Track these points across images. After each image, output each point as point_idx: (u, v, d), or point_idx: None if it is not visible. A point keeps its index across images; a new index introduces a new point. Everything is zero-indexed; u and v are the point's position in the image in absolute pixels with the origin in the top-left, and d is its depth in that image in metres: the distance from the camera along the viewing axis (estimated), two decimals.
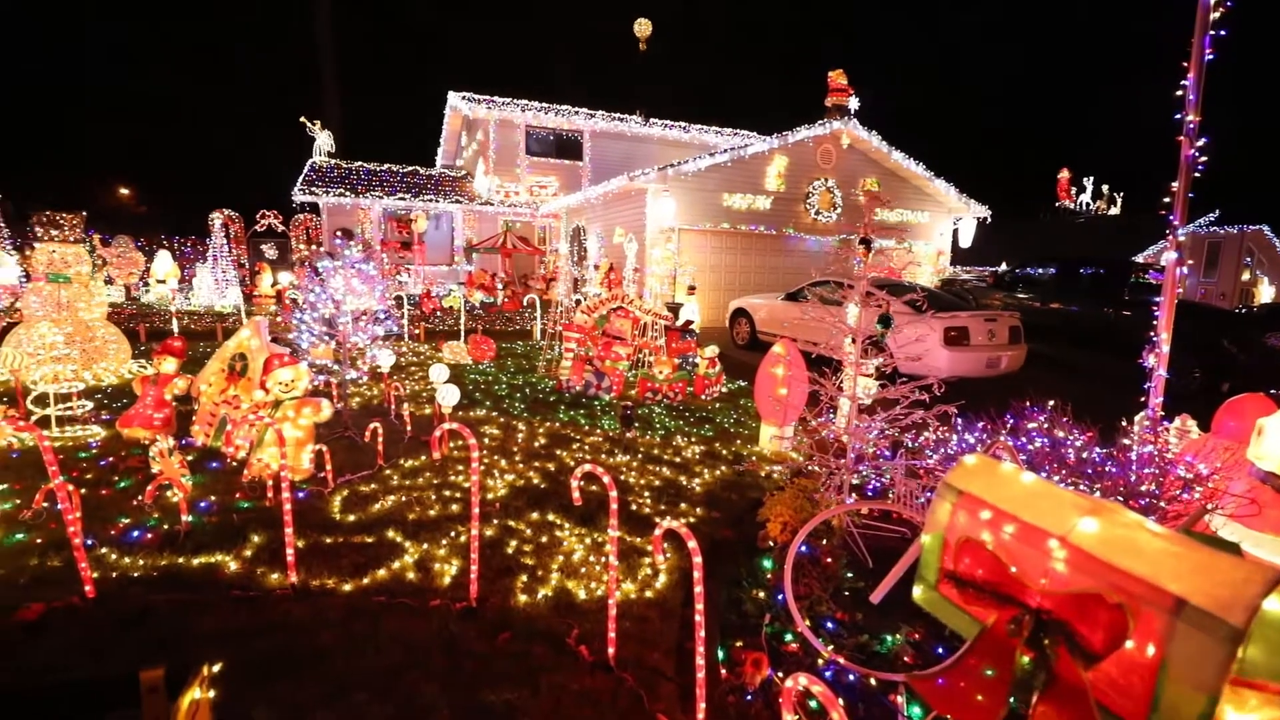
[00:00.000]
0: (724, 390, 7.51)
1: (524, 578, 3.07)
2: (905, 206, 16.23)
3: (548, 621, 2.74)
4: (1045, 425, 3.18)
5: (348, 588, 2.92)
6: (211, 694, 1.47)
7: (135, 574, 2.96)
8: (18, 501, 3.60)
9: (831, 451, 3.98)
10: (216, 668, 1.46)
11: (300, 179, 18.37)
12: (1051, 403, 3.32)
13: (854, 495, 4.14)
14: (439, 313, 14.37)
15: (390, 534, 3.46)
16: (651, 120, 21.08)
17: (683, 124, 21.55)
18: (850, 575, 3.12)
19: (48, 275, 6.76)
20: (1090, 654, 1.09)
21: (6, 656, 2.36)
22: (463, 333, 10.27)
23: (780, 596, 2.85)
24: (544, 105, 19.76)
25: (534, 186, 19.79)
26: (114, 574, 2.95)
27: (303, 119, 19.99)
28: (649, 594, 3.00)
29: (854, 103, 14.88)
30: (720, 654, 2.53)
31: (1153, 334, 4.02)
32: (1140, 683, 1.04)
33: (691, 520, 3.83)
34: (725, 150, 14.19)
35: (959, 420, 4.06)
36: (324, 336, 5.16)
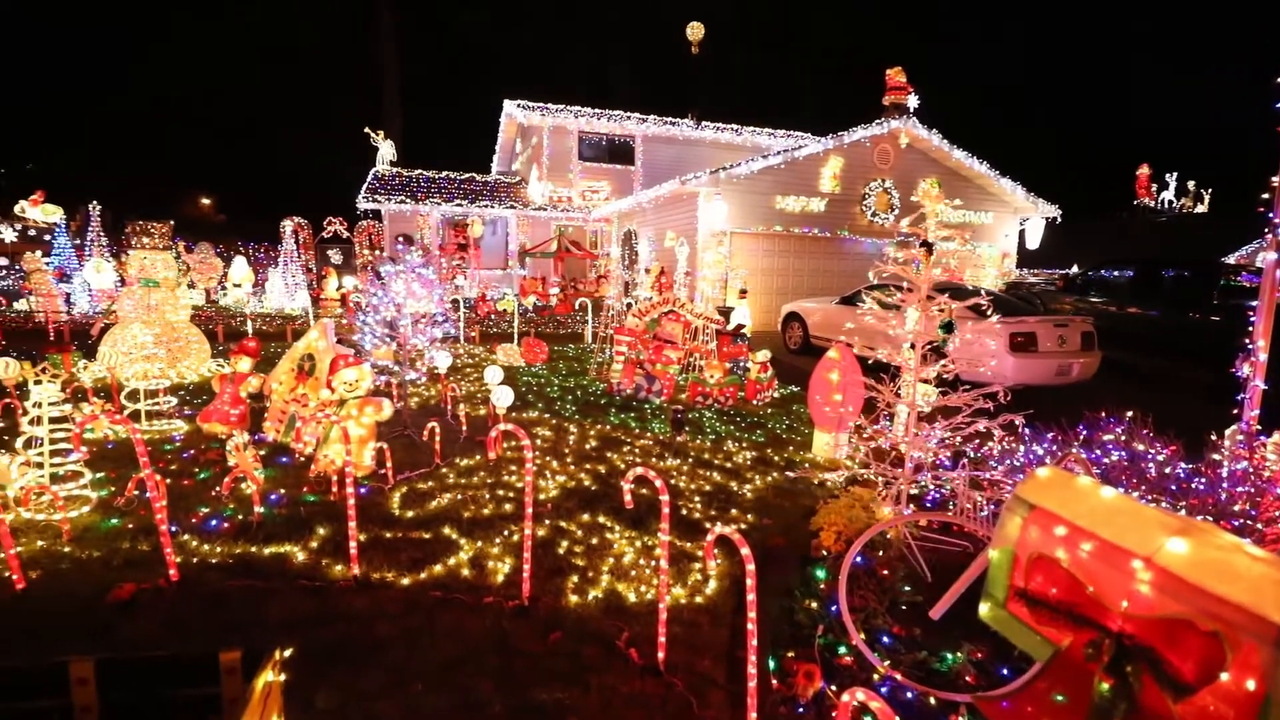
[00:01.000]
0: (776, 395, 7.40)
1: (575, 578, 3.11)
2: (968, 207, 15.62)
3: (598, 623, 2.76)
4: (1123, 438, 2.99)
5: (406, 582, 3.02)
6: (283, 678, 1.54)
7: (213, 560, 3.15)
8: (112, 489, 3.88)
9: (888, 460, 3.87)
10: (287, 653, 1.53)
11: (364, 187, 19.16)
12: (1130, 414, 3.13)
13: (912, 506, 4.00)
14: (493, 316, 14.72)
15: (446, 531, 3.55)
16: (703, 123, 21.01)
17: (735, 126, 21.39)
18: (908, 589, 3.02)
19: (140, 280, 7.27)
20: (1180, 685, 1.01)
21: (104, 632, 2.55)
22: (516, 335, 10.48)
23: (834, 608, 2.78)
24: (596, 111, 19.98)
25: (586, 191, 20.03)
26: (194, 559, 3.14)
27: (367, 130, 20.86)
28: (699, 599, 2.98)
29: (913, 101, 14.44)
30: (771, 663, 2.49)
31: (1248, 341, 3.73)
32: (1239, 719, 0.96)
33: (742, 527, 3.79)
34: (778, 152, 14.00)
35: (1026, 430, 3.87)
36: (385, 338, 5.36)
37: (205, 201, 40.24)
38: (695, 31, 22.70)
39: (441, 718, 2.19)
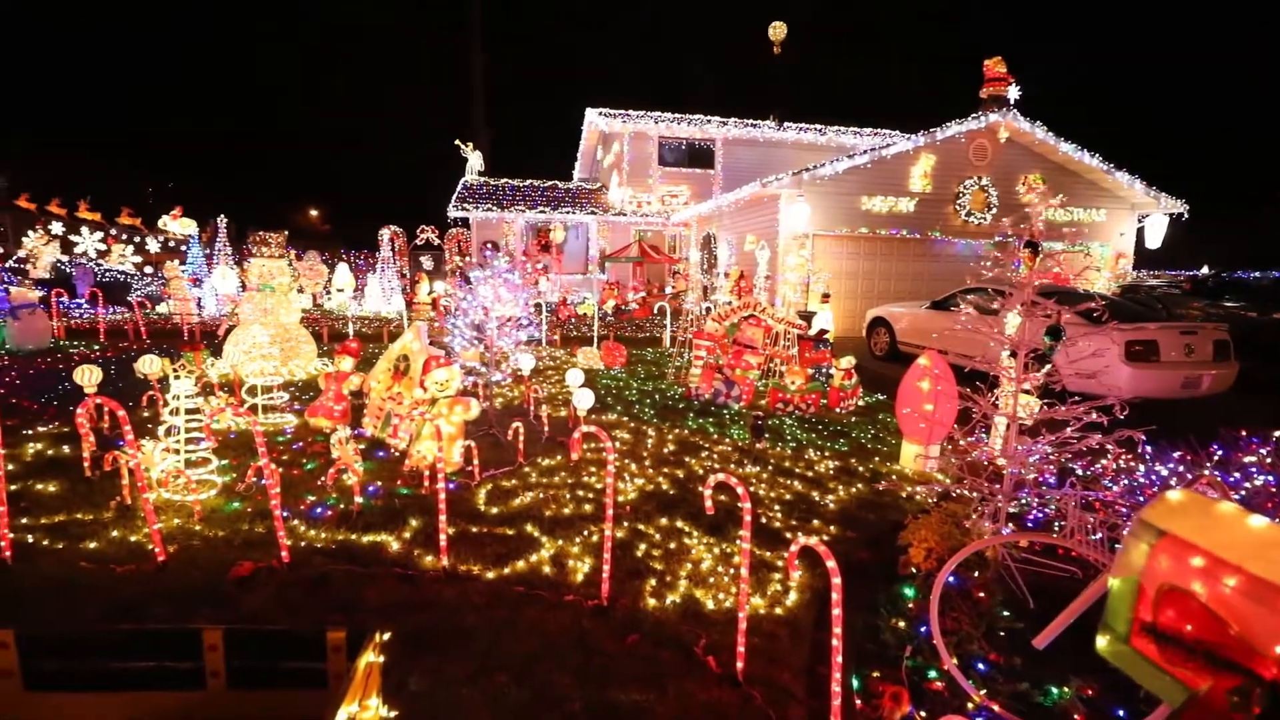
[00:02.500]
0: (860, 403, 7.13)
1: (653, 581, 3.11)
2: (1078, 204, 14.44)
3: (675, 628, 2.75)
4: (1268, 459, 2.66)
5: (490, 575, 3.14)
6: (382, 659, 1.64)
7: (318, 545, 3.39)
8: (234, 475, 4.27)
9: (985, 475, 3.63)
10: (386, 636, 1.63)
11: (454, 196, 20.14)
12: (1278, 434, 2.78)
13: (1011, 525, 3.74)
14: (573, 319, 15.06)
15: (529, 528, 3.66)
16: (785, 124, 20.61)
17: (818, 126, 20.84)
18: (1006, 614, 2.82)
19: (258, 285, 7.97)
20: None
21: (227, 604, 2.80)
22: (595, 339, 10.67)
23: (924, 629, 2.64)
24: (676, 115, 20.04)
25: (665, 196, 20.13)
26: (303, 543, 3.39)
27: (457, 141, 21.91)
28: (778, 611, 2.91)
29: (1014, 92, 13.53)
30: (855, 682, 2.40)
31: None
32: None
33: (825, 538, 3.67)
34: (865, 151, 13.51)
35: (1148, 448, 3.52)
36: (473, 341, 5.60)
37: (313, 213, 43.70)
38: (777, 31, 22.37)
39: (523, 710, 2.25)
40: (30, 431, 5.17)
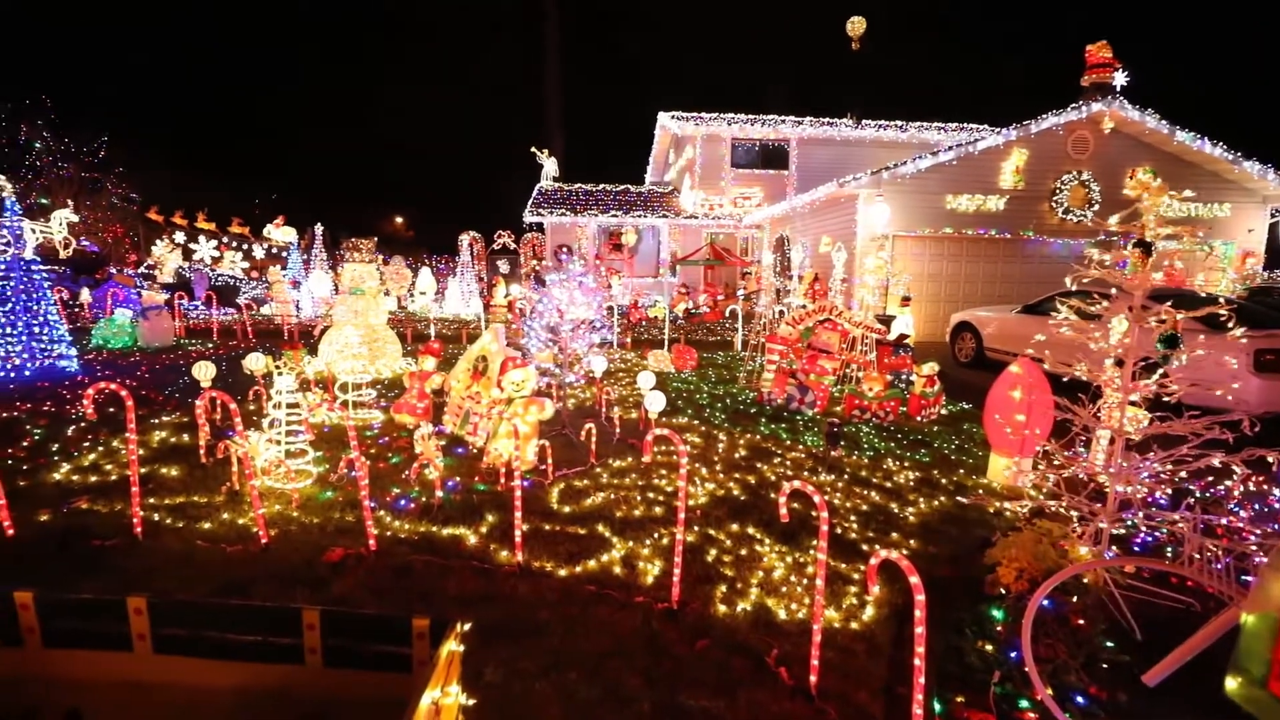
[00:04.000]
0: (943, 411, 6.78)
1: (723, 587, 3.08)
2: (1197, 198, 13.18)
3: (746, 636, 2.71)
4: None
5: (562, 573, 3.20)
6: (462, 648, 1.70)
7: (402, 535, 3.57)
8: (327, 466, 4.56)
9: (1085, 493, 3.36)
10: (466, 626, 1.69)
11: (530, 202, 20.73)
12: None
13: (1115, 548, 3.45)
14: (644, 322, 15.15)
15: (600, 528, 3.71)
16: (864, 122, 19.95)
17: (899, 123, 20.05)
18: (1110, 644, 2.60)
19: (350, 289, 8.50)
20: None
21: (320, 586, 3.00)
22: (666, 342, 10.68)
23: (1014, 654, 2.48)
24: (750, 117, 19.81)
25: (738, 198, 19.93)
26: (388, 533, 3.58)
27: (533, 149, 22.55)
28: (854, 625, 2.81)
29: (1120, 78, 12.50)
30: (938, 706, 2.28)
31: None
32: None
33: (904, 553, 3.50)
34: (950, 148, 12.87)
35: None
36: (548, 343, 5.73)
37: (398, 220, 46.14)
38: (856, 26, 21.67)
39: (593, 707, 2.28)
40: (156, 421, 5.73)
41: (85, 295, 13.67)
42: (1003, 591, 2.97)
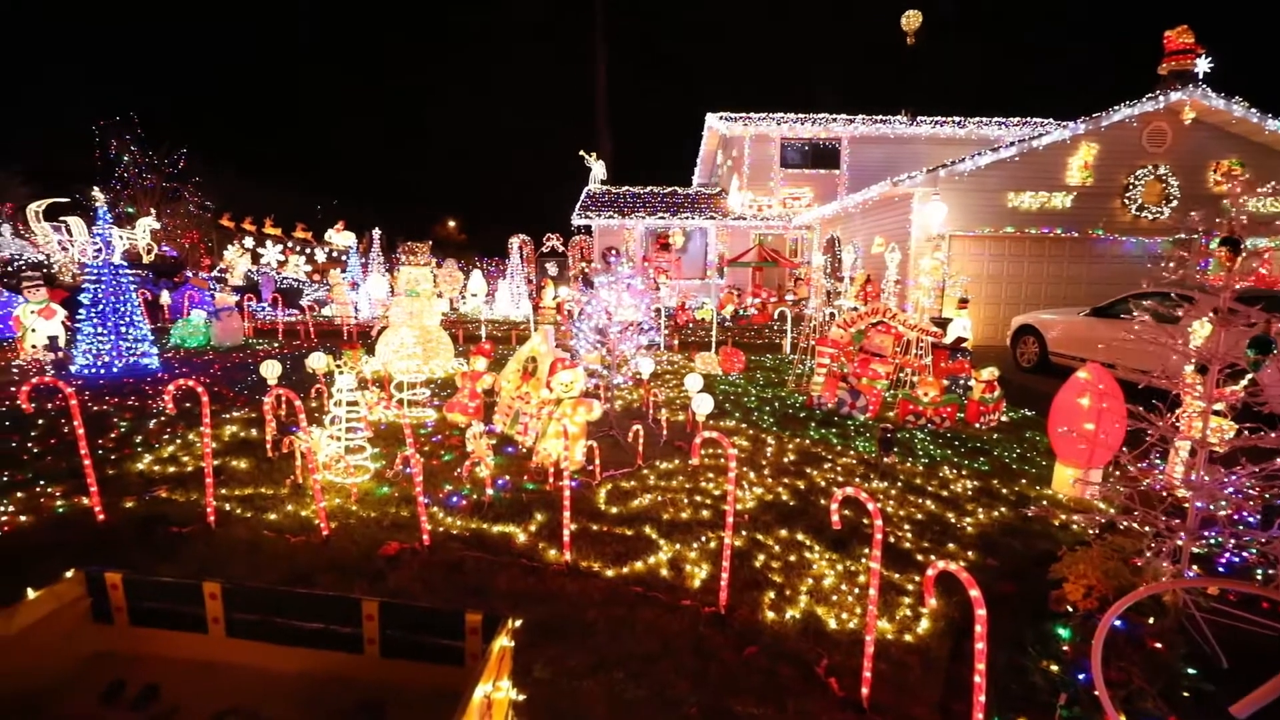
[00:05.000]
0: (1004, 418, 6.51)
1: (771, 594, 3.04)
2: None
3: (795, 644, 2.66)
4: None
5: (610, 573, 3.21)
6: (512, 644, 1.73)
7: (454, 531, 3.66)
8: (383, 463, 4.72)
9: (1161, 508, 3.16)
10: (518, 623, 1.72)
11: (578, 205, 20.96)
12: None
13: (1195, 568, 3.23)
14: (692, 324, 15.10)
15: (647, 530, 3.71)
16: (919, 119, 19.35)
17: (956, 119, 19.36)
18: (1192, 671, 2.44)
19: (406, 291, 8.78)
20: None
21: (377, 579, 3.10)
22: (714, 344, 10.61)
23: (1082, 675, 2.35)
24: (800, 116, 19.49)
25: (787, 198, 19.63)
26: (440, 529, 3.68)
27: (581, 152, 22.78)
28: (908, 638, 2.72)
29: (1202, 65, 11.72)
30: None
31: None
32: None
33: (962, 564, 3.38)
34: (1011, 144, 12.34)
35: None
36: (596, 344, 5.78)
37: (451, 223, 47.42)
38: (911, 21, 21.08)
39: (639, 708, 2.28)
40: (228, 416, 6.06)
41: (165, 297, 14.59)
42: (1069, 609, 2.82)
